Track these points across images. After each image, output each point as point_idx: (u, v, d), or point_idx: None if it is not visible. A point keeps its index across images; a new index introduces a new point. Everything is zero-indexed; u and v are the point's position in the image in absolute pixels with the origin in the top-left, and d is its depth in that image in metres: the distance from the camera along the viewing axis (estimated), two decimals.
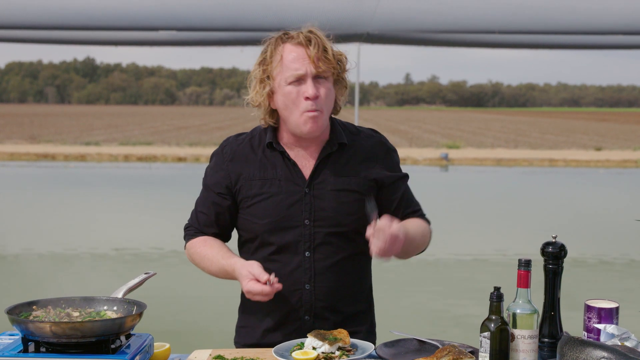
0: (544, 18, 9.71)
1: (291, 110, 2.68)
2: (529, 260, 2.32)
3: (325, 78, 2.68)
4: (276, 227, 2.72)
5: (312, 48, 2.64)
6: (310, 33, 2.68)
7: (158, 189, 20.02)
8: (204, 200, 2.85)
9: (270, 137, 2.77)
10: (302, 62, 2.64)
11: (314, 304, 2.74)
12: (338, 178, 2.74)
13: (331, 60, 2.67)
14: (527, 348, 2.29)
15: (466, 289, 9.48)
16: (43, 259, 11.16)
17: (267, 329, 2.80)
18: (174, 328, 7.38)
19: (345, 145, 2.79)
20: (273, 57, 2.69)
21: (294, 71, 2.64)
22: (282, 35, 2.71)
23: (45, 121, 59.17)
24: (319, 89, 2.66)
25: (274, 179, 2.73)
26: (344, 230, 2.73)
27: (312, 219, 2.72)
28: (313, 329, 2.72)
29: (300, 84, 2.65)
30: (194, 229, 2.88)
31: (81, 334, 2.28)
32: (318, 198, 2.72)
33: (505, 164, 28.26)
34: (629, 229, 13.04)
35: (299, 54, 2.65)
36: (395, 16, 9.87)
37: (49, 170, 25.44)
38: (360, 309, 2.85)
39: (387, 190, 2.82)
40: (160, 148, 31.91)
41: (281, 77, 2.67)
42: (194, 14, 9.64)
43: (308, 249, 2.72)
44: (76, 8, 9.43)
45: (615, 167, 27.76)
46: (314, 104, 2.65)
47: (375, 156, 2.82)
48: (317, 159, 2.76)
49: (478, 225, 14.52)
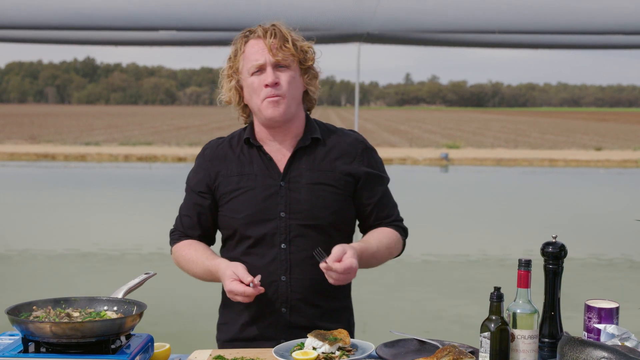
0: (544, 18, 9.71)
1: (254, 99, 2.77)
2: (529, 260, 2.32)
3: (287, 66, 2.76)
4: (252, 220, 2.78)
5: (270, 38, 2.73)
6: (272, 26, 2.77)
7: (158, 189, 20.02)
8: (187, 203, 2.94)
9: (248, 134, 2.85)
10: (261, 53, 2.74)
11: (290, 295, 2.77)
12: (314, 172, 2.80)
13: (290, 49, 2.74)
14: (527, 348, 2.29)
15: (466, 289, 9.48)
16: (43, 259, 11.17)
17: (245, 322, 2.84)
18: (174, 328, 7.38)
19: (320, 141, 2.84)
20: (237, 53, 2.80)
21: (254, 62, 2.74)
22: (246, 32, 2.81)
23: (46, 121, 59.21)
24: (279, 77, 2.74)
25: (251, 174, 2.80)
26: (319, 223, 2.77)
27: (287, 211, 2.76)
28: (290, 322, 2.77)
29: (261, 74, 2.74)
30: (179, 232, 2.96)
31: (81, 334, 2.28)
32: (294, 191, 2.78)
33: (505, 164, 28.26)
34: (629, 229, 13.04)
35: (259, 46, 2.75)
36: (396, 16, 9.86)
37: (49, 171, 25.44)
38: (337, 306, 2.87)
39: (365, 190, 2.86)
40: (161, 148, 31.92)
41: (245, 70, 2.77)
42: (194, 13, 9.64)
43: (284, 241, 2.76)
44: (76, 8, 9.42)
45: (615, 167, 27.76)
46: (274, 90, 2.73)
47: (353, 152, 2.86)
48: (291, 154, 2.82)
49: (478, 225, 14.52)
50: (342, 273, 2.55)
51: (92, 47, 25.98)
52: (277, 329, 2.78)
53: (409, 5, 9.61)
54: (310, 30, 9.98)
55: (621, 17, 9.57)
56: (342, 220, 2.82)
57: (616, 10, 9.48)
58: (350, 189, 2.82)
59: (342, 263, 2.55)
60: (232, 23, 9.64)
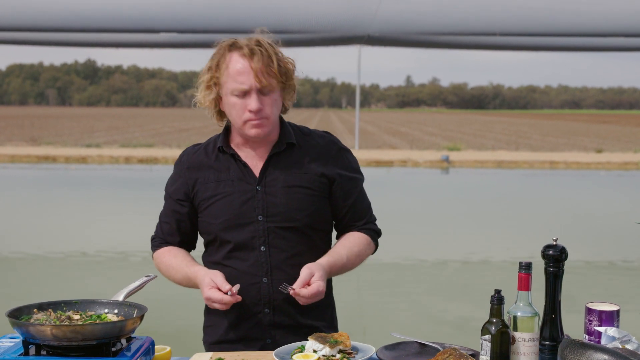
0: (545, 20, 9.72)
1: (235, 119, 2.79)
2: (529, 263, 2.32)
3: (271, 90, 2.76)
4: (231, 225, 2.82)
5: (256, 62, 2.71)
6: (257, 45, 2.74)
7: (159, 191, 19.99)
8: (166, 210, 2.97)
9: (222, 142, 2.88)
10: (246, 76, 2.72)
11: (272, 296, 2.81)
12: (289, 175, 2.83)
13: (275, 74, 2.74)
14: (527, 351, 2.28)
15: (467, 291, 9.47)
16: (44, 262, 11.16)
17: (230, 324, 2.87)
18: (175, 331, 7.38)
19: (294, 145, 2.88)
20: (220, 65, 2.77)
21: (239, 84, 2.73)
22: (229, 44, 2.78)
23: (46, 123, 59.23)
24: (263, 102, 2.75)
25: (227, 180, 2.84)
26: (296, 225, 2.81)
27: (265, 214, 2.80)
28: (273, 321, 2.82)
29: (244, 97, 2.74)
30: (159, 239, 2.98)
31: (82, 337, 2.28)
32: (270, 195, 2.81)
33: (506, 166, 28.25)
34: (630, 231, 13.03)
35: (244, 66, 2.72)
36: (396, 19, 9.87)
37: (49, 172, 25.44)
38: (319, 304, 2.87)
39: (340, 192, 2.90)
40: (161, 150, 31.92)
41: (227, 87, 2.76)
42: (195, 16, 9.65)
43: (263, 243, 2.80)
44: (77, 10, 9.44)
45: (616, 169, 27.75)
46: (257, 114, 2.74)
47: (327, 154, 2.90)
48: (266, 159, 2.85)
49: (479, 227, 14.51)
50: (309, 298, 2.63)
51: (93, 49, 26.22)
52: (261, 329, 2.83)
53: (410, 7, 9.62)
54: (311, 33, 10.01)
55: (622, 19, 9.58)
56: (319, 221, 2.87)
57: (617, 12, 9.49)
58: (325, 190, 2.87)
59: (309, 289, 2.63)
60: (232, 25, 9.65)
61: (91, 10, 9.47)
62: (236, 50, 2.75)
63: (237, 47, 2.75)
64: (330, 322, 2.98)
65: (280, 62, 2.76)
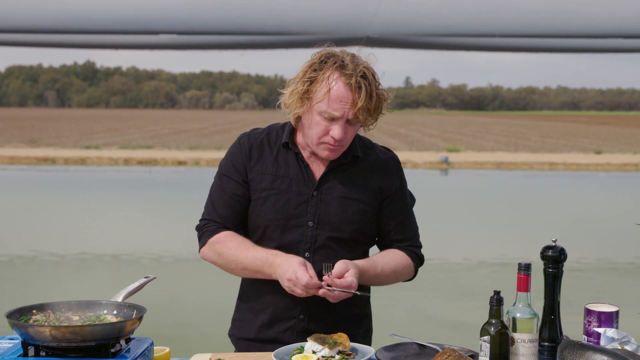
0: (544, 21, 9.72)
1: (312, 137, 2.71)
2: (528, 264, 2.32)
3: (358, 121, 2.70)
4: (280, 224, 2.75)
5: (359, 98, 2.63)
6: (363, 77, 2.65)
7: (158, 192, 20.02)
8: (221, 193, 2.82)
9: (287, 137, 2.80)
10: (344, 108, 2.64)
11: (309, 303, 2.75)
12: (346, 186, 2.79)
13: (371, 111, 2.67)
14: (527, 352, 2.29)
15: (466, 292, 9.48)
16: (43, 263, 11.16)
17: (262, 324, 2.82)
18: (174, 332, 7.38)
19: (358, 158, 2.83)
20: (321, 83, 2.66)
21: (333, 111, 2.64)
22: (339, 64, 2.67)
23: (46, 125, 59.20)
24: (347, 132, 2.69)
25: (286, 177, 2.76)
26: (343, 236, 2.77)
27: (315, 221, 2.75)
28: (306, 329, 2.76)
29: (332, 121, 2.66)
30: (215, 223, 2.82)
31: (81, 338, 2.28)
32: (324, 202, 2.76)
33: (505, 167, 28.27)
34: (629, 232, 13.03)
35: (347, 98, 2.63)
36: (396, 20, 9.87)
37: (49, 174, 25.44)
38: (355, 313, 2.87)
39: (391, 208, 2.86)
40: (160, 152, 31.92)
41: (319, 106, 2.66)
42: (194, 17, 9.64)
43: (308, 249, 2.75)
44: (76, 12, 9.43)
45: (615, 170, 27.77)
46: (337, 142, 2.69)
47: (387, 169, 2.87)
48: (327, 165, 2.79)
49: (478, 229, 14.52)
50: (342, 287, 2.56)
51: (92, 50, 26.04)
52: (294, 334, 2.77)
53: (409, 9, 9.61)
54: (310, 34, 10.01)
55: (621, 20, 9.57)
56: (364, 235, 2.83)
57: (616, 13, 9.49)
58: (377, 205, 2.83)
59: (341, 280, 2.57)
60: (232, 27, 9.64)
61: (90, 12, 9.46)
62: (343, 76, 2.64)
63: (345, 74, 2.64)
64: (366, 332, 2.92)
65: (379, 95, 2.69)
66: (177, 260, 11.15)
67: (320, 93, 2.64)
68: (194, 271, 10.25)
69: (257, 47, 10.02)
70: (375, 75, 2.70)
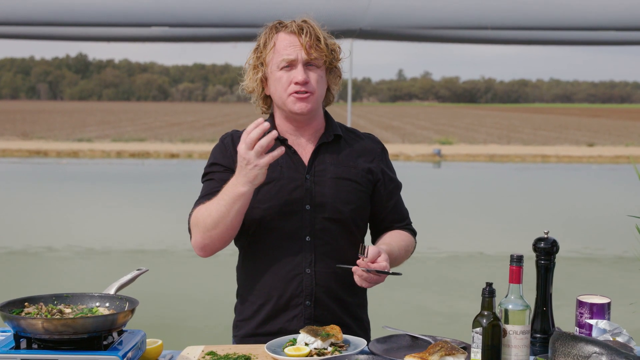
0: (537, 14, 9.73)
1: (280, 93, 2.75)
2: (520, 255, 2.33)
3: (317, 66, 2.76)
4: (278, 211, 2.75)
5: (305, 36, 2.72)
6: (304, 22, 2.77)
7: (150, 185, 19.99)
8: (210, 189, 2.77)
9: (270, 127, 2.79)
10: (293, 49, 2.72)
11: (314, 288, 2.75)
12: (338, 167, 2.81)
13: (323, 49, 2.75)
14: (519, 343, 2.29)
15: (458, 284, 9.50)
16: (35, 255, 11.14)
17: (268, 315, 2.80)
18: (167, 324, 7.37)
19: (341, 138, 2.87)
20: (266, 45, 2.77)
21: (286, 56, 2.72)
22: (276, 24, 2.79)
23: (38, 117, 59.07)
24: (309, 75, 2.74)
25: (275, 165, 2.74)
26: (341, 217, 2.78)
27: (312, 204, 2.76)
28: (314, 315, 2.75)
29: (290, 70, 2.73)
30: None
31: (73, 330, 2.27)
32: (318, 185, 2.78)
33: (497, 160, 28.31)
34: (621, 224, 13.06)
35: (291, 41, 2.73)
36: (388, 12, 9.87)
37: (41, 167, 25.39)
38: (358, 302, 2.88)
39: (384, 191, 2.89)
40: (153, 144, 31.87)
41: (273, 63, 2.74)
42: (187, 10, 9.63)
43: (309, 233, 2.75)
44: (68, 4, 9.41)
45: (607, 162, 27.83)
46: (303, 87, 2.72)
47: (372, 152, 2.91)
48: (314, 147, 2.82)
49: (470, 221, 14.54)
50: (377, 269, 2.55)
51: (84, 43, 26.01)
52: (300, 322, 2.75)
53: (402, 1, 9.62)
54: None
55: (614, 13, 9.59)
56: (361, 217, 2.84)
57: (608, 6, 9.51)
58: (370, 187, 2.85)
59: (377, 264, 2.57)
60: (224, 19, 9.63)
61: (82, 4, 9.43)
62: (283, 28, 2.75)
63: (284, 26, 2.76)
64: (362, 322, 2.92)
65: (327, 41, 2.78)
66: (169, 253, 11.15)
67: (269, 54, 2.75)
68: (186, 263, 10.25)
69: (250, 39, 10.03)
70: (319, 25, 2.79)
